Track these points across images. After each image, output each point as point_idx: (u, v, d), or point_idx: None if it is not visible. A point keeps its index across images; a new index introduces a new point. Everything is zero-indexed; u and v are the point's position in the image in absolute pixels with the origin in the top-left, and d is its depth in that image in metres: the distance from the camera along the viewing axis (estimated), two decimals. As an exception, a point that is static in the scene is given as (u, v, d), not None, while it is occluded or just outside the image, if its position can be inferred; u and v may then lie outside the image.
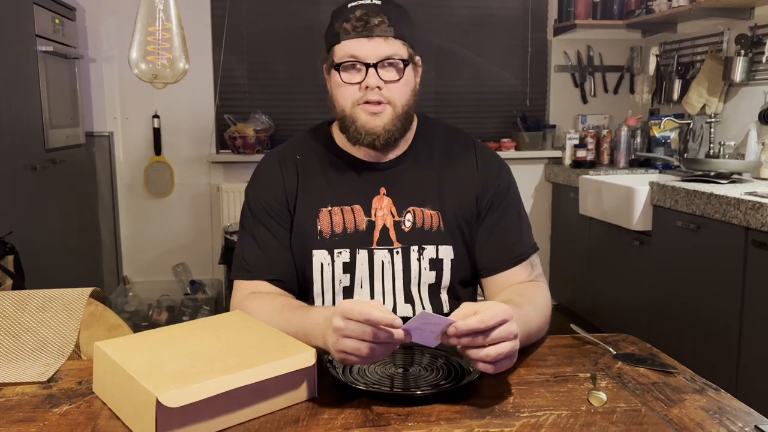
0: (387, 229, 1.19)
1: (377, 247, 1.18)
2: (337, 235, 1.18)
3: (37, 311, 1.17)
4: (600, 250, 3.19)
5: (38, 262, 2.27)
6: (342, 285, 1.18)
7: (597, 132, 3.59)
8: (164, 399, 0.77)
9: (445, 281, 1.20)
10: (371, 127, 1.14)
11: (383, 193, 1.20)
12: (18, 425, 0.85)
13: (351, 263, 1.18)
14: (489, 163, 1.26)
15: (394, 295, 1.19)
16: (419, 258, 1.18)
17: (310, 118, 3.46)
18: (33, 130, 2.60)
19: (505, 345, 0.87)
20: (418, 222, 1.19)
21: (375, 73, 1.12)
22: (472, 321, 0.86)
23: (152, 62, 0.75)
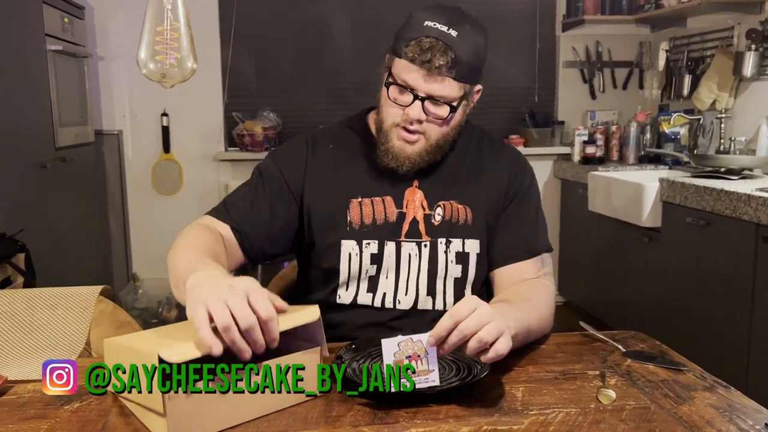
0: (417, 222, 1.19)
1: (405, 239, 1.19)
2: (366, 226, 1.18)
3: (48, 309, 1.18)
4: (609, 247, 3.17)
5: (48, 260, 2.28)
6: (368, 275, 1.19)
7: (606, 128, 3.57)
8: (165, 355, 0.73)
9: (470, 276, 1.21)
10: (398, 152, 1.15)
11: (416, 185, 1.21)
12: (29, 422, 0.85)
13: (379, 254, 1.18)
14: (518, 163, 1.28)
15: (417, 287, 1.19)
16: (446, 251, 1.19)
17: (318, 115, 3.46)
18: (43, 129, 2.62)
19: (487, 329, 0.86)
20: (447, 215, 1.20)
21: (420, 105, 1.11)
22: (444, 320, 0.86)
23: (160, 62, 0.75)
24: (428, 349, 0.87)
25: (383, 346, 0.86)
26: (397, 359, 0.86)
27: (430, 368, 0.87)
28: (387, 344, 0.86)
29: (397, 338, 0.86)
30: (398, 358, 0.86)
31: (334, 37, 3.52)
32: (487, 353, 0.87)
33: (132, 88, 3.45)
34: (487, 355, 0.87)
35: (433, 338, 0.86)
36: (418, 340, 0.87)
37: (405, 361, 0.87)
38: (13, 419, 0.86)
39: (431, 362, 0.87)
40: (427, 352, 0.87)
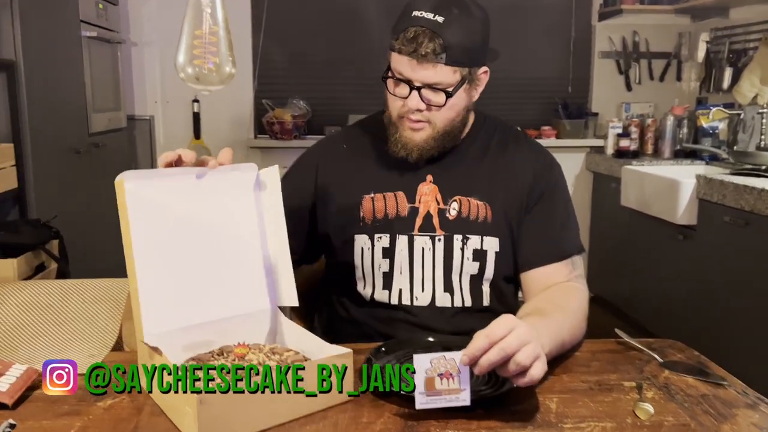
0: (430, 216, 1.18)
1: (418, 233, 1.18)
2: (378, 220, 1.19)
3: (81, 302, 1.19)
4: (641, 243, 3.11)
5: (81, 246, 2.31)
6: (381, 270, 1.18)
7: (641, 121, 3.49)
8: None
9: (488, 273, 1.19)
10: (407, 140, 1.15)
11: (430, 180, 1.20)
12: (63, 419, 0.86)
13: (390, 248, 1.18)
14: (543, 159, 1.25)
15: (433, 283, 1.18)
16: (462, 247, 1.17)
17: (348, 104, 3.44)
18: (77, 115, 2.64)
19: (525, 351, 0.84)
20: (464, 211, 1.18)
21: (417, 95, 1.11)
22: (479, 340, 0.84)
23: (198, 66, 0.74)
24: (461, 368, 0.85)
25: (415, 362, 0.84)
26: (428, 376, 0.85)
27: (462, 387, 0.85)
28: (419, 360, 0.85)
29: (429, 355, 0.85)
30: (429, 375, 0.85)
31: (365, 25, 3.48)
32: (522, 377, 0.85)
33: (164, 73, 3.47)
34: (522, 379, 0.85)
35: (467, 357, 0.84)
36: (451, 358, 0.85)
37: (437, 378, 0.85)
38: (47, 415, 0.87)
39: (463, 382, 0.85)
40: (460, 371, 0.85)
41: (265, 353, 0.99)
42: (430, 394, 0.85)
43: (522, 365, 0.84)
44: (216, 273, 1.01)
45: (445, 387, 0.85)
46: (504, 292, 1.22)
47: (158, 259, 0.93)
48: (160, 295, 0.95)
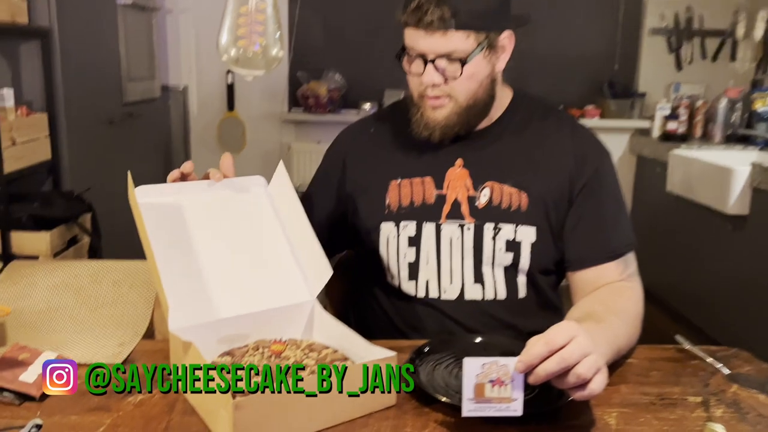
0: (459, 204, 1.11)
1: (446, 221, 1.11)
2: (404, 207, 1.13)
3: (112, 285, 1.15)
4: (686, 232, 2.98)
5: (113, 220, 2.29)
6: (407, 260, 1.13)
7: (691, 102, 3.32)
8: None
9: (523, 264, 1.11)
10: (428, 119, 1.09)
11: (459, 164, 1.13)
12: (91, 414, 0.82)
13: (416, 237, 1.12)
14: (587, 144, 1.15)
15: (462, 274, 1.11)
16: (494, 237, 1.10)
17: (385, 79, 3.35)
18: (111, 84, 2.61)
19: (587, 363, 0.77)
20: (496, 199, 1.10)
21: (433, 68, 1.04)
22: (537, 347, 0.77)
23: (243, 48, 0.67)
24: (515, 376, 0.78)
25: (465, 366, 0.78)
26: (478, 382, 0.78)
27: (514, 396, 0.79)
28: (469, 364, 0.78)
29: (481, 359, 0.78)
30: (480, 381, 0.78)
31: (405, -5, 3.36)
32: (580, 390, 0.78)
33: (198, 43, 3.41)
34: (581, 392, 0.78)
35: (523, 365, 0.77)
36: (504, 364, 0.78)
37: (487, 385, 0.79)
38: (76, 409, 0.83)
39: (516, 390, 0.79)
40: (513, 378, 0.78)
41: (303, 350, 0.94)
42: (479, 401, 0.79)
43: (582, 378, 0.77)
44: (243, 269, 0.98)
45: (496, 395, 0.78)
46: (541, 285, 1.15)
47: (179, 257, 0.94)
48: (186, 289, 0.93)
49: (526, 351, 0.78)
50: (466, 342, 1.01)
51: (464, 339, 1.03)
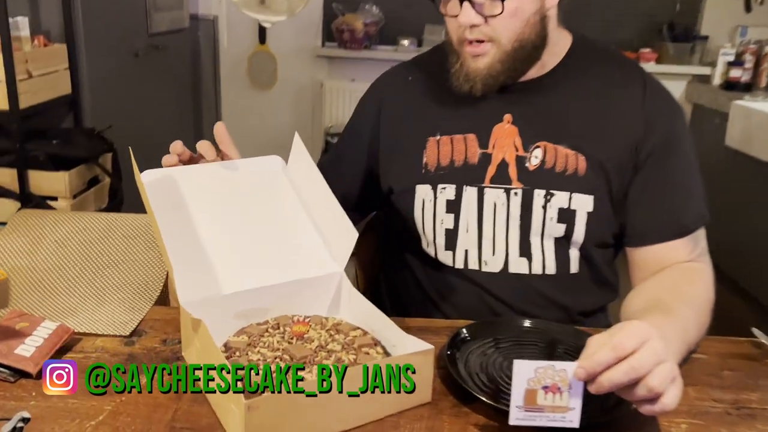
0: (506, 165, 0.98)
1: (490, 185, 0.98)
2: (442, 168, 1.00)
3: (124, 241, 1.05)
4: (745, 190, 2.78)
5: (136, 159, 2.20)
6: (444, 226, 1.01)
7: (758, 48, 3.04)
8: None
9: (576, 236, 0.98)
10: (469, 70, 0.95)
11: (508, 120, 0.99)
12: (93, 398, 0.73)
13: (456, 201, 0.99)
14: (660, 102, 0.99)
15: (507, 245, 0.99)
16: (545, 205, 0.97)
17: (425, 13, 3.13)
18: (136, 13, 2.47)
19: (660, 374, 0.65)
20: (549, 161, 0.97)
21: (470, 6, 0.89)
22: (602, 352, 0.65)
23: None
24: (573, 383, 0.67)
25: (515, 368, 0.67)
26: (530, 387, 0.67)
27: (571, 406, 0.68)
28: (521, 367, 0.67)
29: (534, 363, 0.67)
30: (532, 387, 0.67)
31: None
32: (650, 404, 0.66)
33: (229, -30, 3.23)
34: (650, 407, 0.66)
35: (585, 371, 0.66)
36: (561, 369, 0.67)
37: (540, 391, 0.67)
38: (79, 390, 0.74)
39: (573, 399, 0.67)
40: (571, 386, 0.67)
41: (328, 330, 0.83)
42: (529, 409, 0.68)
43: (655, 392, 0.65)
44: (262, 241, 0.89)
45: (550, 403, 0.68)
46: (596, 260, 1.02)
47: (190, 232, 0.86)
48: (198, 262, 0.84)
49: (587, 355, 0.66)
50: (511, 327, 0.90)
51: (509, 323, 0.92)
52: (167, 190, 0.87)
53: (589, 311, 1.05)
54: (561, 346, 0.87)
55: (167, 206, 0.84)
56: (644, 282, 0.95)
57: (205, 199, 0.88)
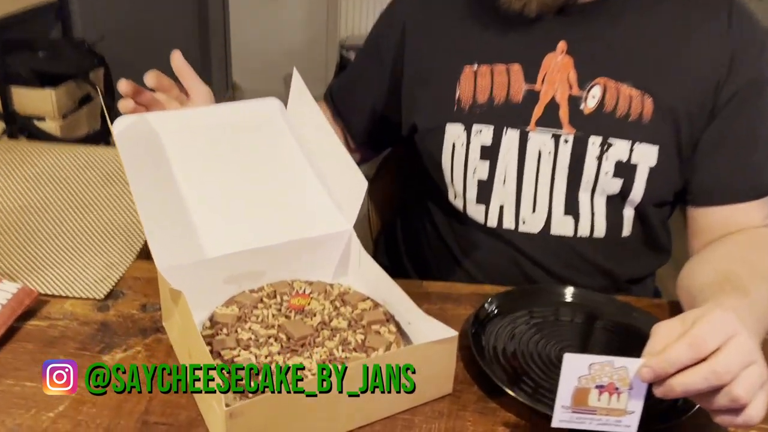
0: (556, 106, 0.82)
1: (536, 129, 0.82)
2: (479, 105, 0.84)
3: (104, 181, 0.92)
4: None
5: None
6: (476, 176, 0.86)
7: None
8: None
9: (634, 195, 0.83)
10: None
11: (562, 50, 0.82)
12: (54, 382, 0.63)
13: (493, 147, 0.84)
14: (749, 35, 0.81)
15: (550, 202, 0.84)
16: (600, 156, 0.81)
17: None
18: None
19: (746, 380, 0.52)
20: (609, 103, 0.81)
21: None
22: (678, 348, 0.51)
23: None
24: (635, 383, 0.55)
25: (565, 363, 0.55)
26: (581, 386, 0.55)
27: (630, 409, 0.56)
28: (572, 362, 0.55)
29: (588, 357, 0.55)
30: (584, 385, 0.55)
31: None
32: (731, 416, 0.53)
33: None
34: (731, 418, 0.53)
35: (653, 372, 0.53)
36: (622, 366, 0.55)
37: (593, 391, 0.55)
38: (35, 371, 0.63)
39: (633, 401, 0.56)
40: (632, 386, 0.55)
41: (333, 302, 0.71)
42: (578, 410, 0.57)
43: (740, 402, 0.52)
44: (256, 197, 0.75)
45: (604, 404, 0.56)
46: (652, 221, 0.88)
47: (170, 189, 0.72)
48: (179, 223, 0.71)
49: (655, 349, 0.54)
50: (547, 297, 0.78)
51: (545, 293, 0.79)
52: (145, 140, 0.73)
53: (636, 279, 0.92)
54: (601, 322, 0.75)
55: (145, 159, 0.71)
56: (708, 249, 0.81)
57: (190, 151, 0.75)
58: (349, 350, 0.64)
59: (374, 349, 0.64)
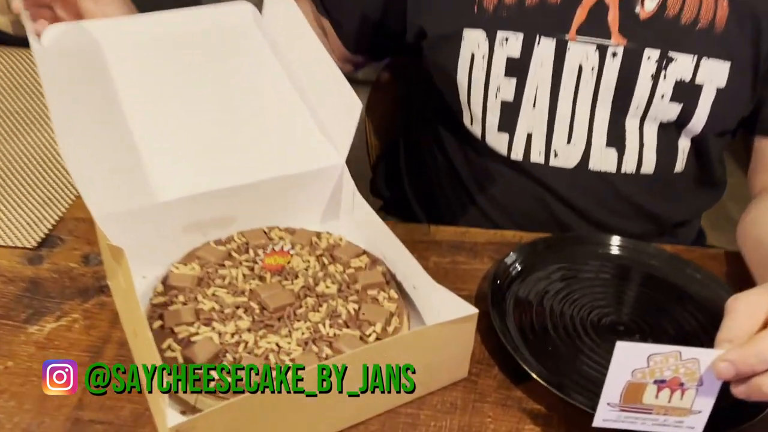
0: (604, 8, 0.65)
1: (577, 37, 0.66)
2: (506, 6, 0.67)
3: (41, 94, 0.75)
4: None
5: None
6: (500, 97, 0.69)
7: None
8: None
9: (695, 123, 0.67)
10: None
11: None
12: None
13: (522, 60, 0.67)
14: None
15: (590, 130, 0.69)
16: (657, 74, 0.65)
17: None
18: None
19: None
20: (672, 5, 0.64)
21: None
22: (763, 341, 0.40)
23: None
24: (707, 379, 0.43)
25: (617, 354, 0.43)
26: (635, 380, 0.43)
27: (696, 408, 0.44)
28: (624, 352, 0.44)
29: (647, 346, 0.43)
30: (639, 379, 0.44)
31: None
32: None
33: None
34: None
35: (734, 367, 0.41)
36: (692, 358, 0.43)
37: (651, 387, 0.44)
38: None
39: (702, 399, 0.45)
40: (703, 381, 0.43)
41: (320, 257, 0.57)
42: (627, 407, 0.45)
43: None
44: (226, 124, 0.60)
45: (663, 402, 0.45)
46: (711, 154, 0.73)
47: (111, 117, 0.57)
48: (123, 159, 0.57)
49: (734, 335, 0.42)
50: (588, 249, 0.64)
51: (586, 241, 0.65)
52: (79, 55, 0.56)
53: (683, 223, 0.78)
54: (652, 282, 0.61)
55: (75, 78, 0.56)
56: None
57: (138, 69, 0.59)
58: (339, 325, 0.51)
59: (370, 323, 0.51)
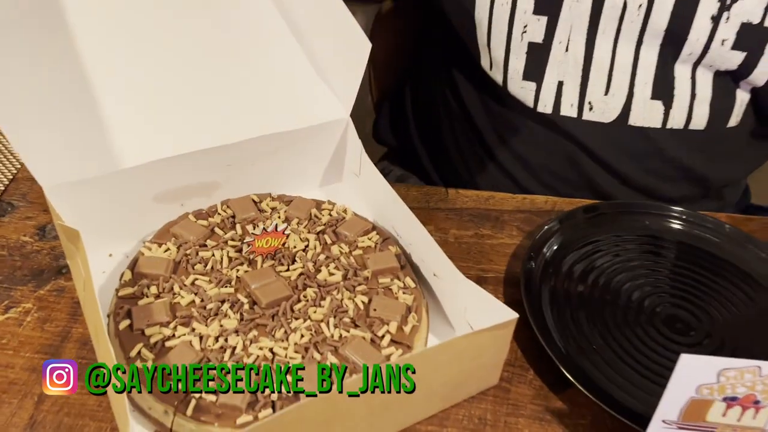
0: None
1: None
2: None
3: None
4: None
5: None
6: (527, 38, 0.59)
7: None
8: None
9: (759, 74, 0.57)
10: None
11: None
12: None
13: None
14: None
15: (632, 78, 0.58)
16: (718, 15, 0.55)
17: None
18: None
19: None
20: None
21: None
22: None
23: None
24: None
25: (679, 367, 0.37)
26: (702, 396, 0.37)
27: None
28: (689, 365, 0.37)
29: (717, 360, 0.36)
30: (705, 396, 0.37)
31: None
32: None
33: None
34: None
35: None
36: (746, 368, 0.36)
37: (718, 404, 0.37)
38: None
39: None
40: None
41: (320, 235, 0.48)
42: (686, 426, 0.39)
43: None
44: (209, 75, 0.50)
45: (731, 421, 0.38)
46: None
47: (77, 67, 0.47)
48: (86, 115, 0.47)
49: None
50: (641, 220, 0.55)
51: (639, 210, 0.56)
52: None
53: (727, 183, 0.68)
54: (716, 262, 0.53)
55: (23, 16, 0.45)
56: None
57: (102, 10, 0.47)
58: (346, 325, 0.42)
59: (383, 321, 0.42)
